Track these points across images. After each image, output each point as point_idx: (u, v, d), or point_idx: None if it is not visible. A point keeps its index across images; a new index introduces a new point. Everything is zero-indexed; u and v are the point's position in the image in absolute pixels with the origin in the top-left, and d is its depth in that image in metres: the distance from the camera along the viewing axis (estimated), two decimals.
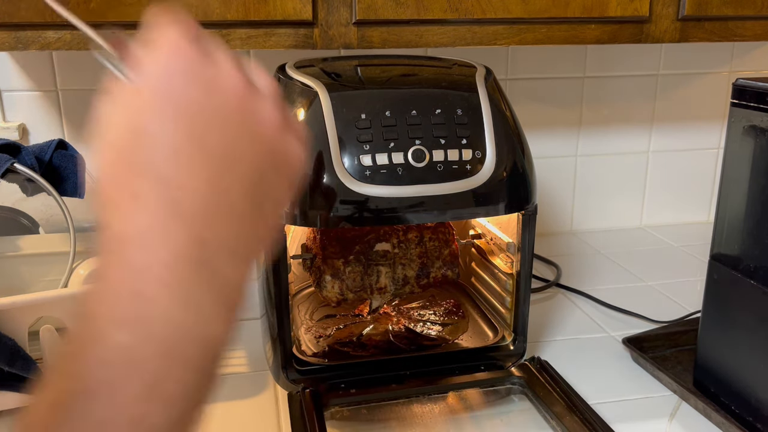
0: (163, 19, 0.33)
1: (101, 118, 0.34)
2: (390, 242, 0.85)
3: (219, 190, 0.31)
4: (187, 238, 0.30)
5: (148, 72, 0.32)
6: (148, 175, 0.30)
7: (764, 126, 0.64)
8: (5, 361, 0.66)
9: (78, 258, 0.76)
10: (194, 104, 0.32)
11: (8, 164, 0.73)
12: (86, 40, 0.43)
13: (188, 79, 0.32)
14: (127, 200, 0.30)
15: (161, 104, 0.31)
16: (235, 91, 0.33)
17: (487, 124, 0.69)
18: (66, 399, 0.27)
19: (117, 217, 0.31)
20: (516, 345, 0.79)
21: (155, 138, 0.31)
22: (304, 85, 0.70)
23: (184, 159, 0.31)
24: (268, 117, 0.34)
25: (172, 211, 0.30)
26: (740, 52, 1.26)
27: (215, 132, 0.32)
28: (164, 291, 0.29)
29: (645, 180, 1.30)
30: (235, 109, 0.33)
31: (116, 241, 0.30)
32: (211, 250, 0.30)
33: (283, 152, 0.34)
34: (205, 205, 0.30)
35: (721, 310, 0.72)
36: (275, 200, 0.34)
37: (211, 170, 0.31)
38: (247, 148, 0.33)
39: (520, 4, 0.84)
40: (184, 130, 0.31)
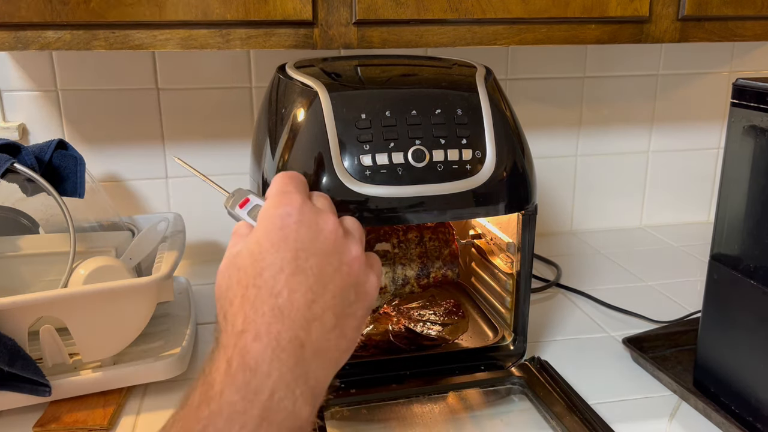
0: (282, 177, 0.46)
1: (231, 248, 0.44)
2: (390, 242, 0.85)
3: (313, 303, 0.40)
4: (289, 338, 0.39)
5: (270, 217, 0.44)
6: (261, 287, 0.40)
7: (764, 126, 0.64)
8: (5, 361, 0.66)
9: (78, 258, 0.76)
10: (301, 241, 0.42)
11: (8, 164, 0.73)
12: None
13: (298, 222, 0.43)
14: (243, 303, 0.40)
15: (278, 240, 0.42)
16: (332, 233, 0.44)
17: (487, 124, 0.69)
18: None
19: (234, 314, 0.40)
20: (516, 345, 0.79)
21: (269, 262, 0.41)
22: (304, 85, 0.70)
23: (287, 277, 0.41)
24: (355, 255, 0.45)
25: (276, 315, 0.39)
26: (740, 52, 1.26)
27: (314, 261, 0.42)
28: (273, 371, 0.37)
29: (645, 180, 1.30)
30: (331, 247, 0.43)
31: (234, 332, 0.39)
32: (308, 351, 0.39)
33: (363, 283, 0.44)
34: (302, 314, 0.40)
35: (721, 310, 0.72)
36: (355, 320, 0.43)
37: (307, 288, 0.41)
38: (336, 275, 0.43)
39: (520, 4, 0.84)
40: (291, 258, 0.41)
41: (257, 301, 0.40)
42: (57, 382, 0.71)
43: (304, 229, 0.43)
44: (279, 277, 0.41)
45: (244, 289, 0.41)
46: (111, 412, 0.71)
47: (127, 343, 0.75)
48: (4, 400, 0.70)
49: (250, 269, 0.41)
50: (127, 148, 1.08)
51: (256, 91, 1.09)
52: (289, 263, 0.41)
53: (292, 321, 0.40)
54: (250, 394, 0.37)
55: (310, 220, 0.44)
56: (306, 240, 0.43)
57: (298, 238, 0.42)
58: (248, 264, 0.42)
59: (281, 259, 0.41)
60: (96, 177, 1.00)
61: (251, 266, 0.41)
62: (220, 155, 1.11)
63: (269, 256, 0.42)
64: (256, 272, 0.41)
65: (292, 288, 0.40)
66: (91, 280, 0.73)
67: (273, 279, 0.41)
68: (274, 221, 0.43)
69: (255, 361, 0.38)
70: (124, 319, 0.73)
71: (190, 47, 0.79)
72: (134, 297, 0.73)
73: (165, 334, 0.83)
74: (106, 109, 1.05)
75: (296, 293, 0.40)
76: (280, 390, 0.37)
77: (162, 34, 0.77)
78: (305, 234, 0.43)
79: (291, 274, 0.41)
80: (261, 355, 0.38)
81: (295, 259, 0.41)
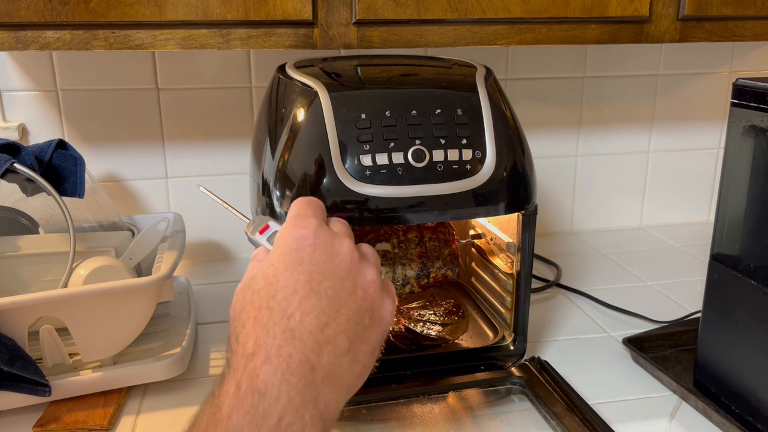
0: (299, 202, 0.47)
1: (248, 272, 0.44)
2: (390, 242, 0.85)
3: (325, 326, 0.40)
4: (299, 360, 0.38)
5: (286, 240, 0.44)
6: (274, 309, 0.40)
7: (764, 126, 0.64)
8: (5, 361, 0.66)
9: (78, 258, 0.76)
10: (315, 264, 0.42)
11: (8, 164, 0.73)
12: None
13: (313, 245, 0.43)
14: (255, 325, 0.40)
15: (293, 262, 0.42)
16: (347, 257, 0.44)
17: (487, 124, 0.69)
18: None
19: (245, 336, 0.39)
20: (516, 345, 0.79)
21: (282, 284, 0.41)
22: (304, 85, 0.70)
23: (300, 299, 0.40)
24: (370, 279, 0.44)
25: (288, 338, 0.39)
26: (740, 52, 1.26)
27: (328, 284, 0.42)
28: (282, 395, 0.37)
29: (645, 180, 1.30)
30: (345, 270, 0.43)
31: (244, 354, 0.39)
32: (318, 375, 0.39)
33: (378, 308, 0.44)
34: (314, 336, 0.39)
35: (721, 310, 0.72)
36: (369, 345, 0.43)
37: (320, 310, 0.40)
38: (350, 299, 0.42)
39: (520, 4, 0.84)
40: (305, 280, 0.41)
41: (269, 323, 0.40)
42: (57, 382, 0.71)
43: (318, 252, 0.43)
44: (292, 299, 0.40)
45: (257, 311, 0.41)
46: (111, 412, 0.71)
47: (127, 343, 0.75)
48: (4, 400, 0.70)
49: (264, 291, 0.41)
50: (127, 148, 1.08)
51: (256, 91, 1.09)
52: (303, 285, 0.41)
53: (303, 343, 0.39)
54: (258, 419, 0.36)
55: (326, 243, 0.44)
56: (320, 263, 0.43)
57: (312, 261, 0.43)
58: (262, 286, 0.42)
59: (295, 281, 0.41)
60: (96, 177, 1.00)
61: (265, 288, 0.41)
62: (220, 155, 1.11)
63: (283, 278, 0.42)
64: (270, 294, 0.41)
65: (304, 310, 0.40)
66: (91, 280, 0.73)
67: (286, 301, 0.40)
68: (289, 243, 0.43)
69: (264, 384, 0.37)
70: (124, 319, 0.73)
71: (190, 47, 0.79)
72: (134, 297, 0.73)
73: (165, 334, 0.83)
74: (106, 109, 1.05)
75: (309, 315, 0.40)
76: (288, 415, 0.36)
77: (162, 34, 0.77)
78: (320, 257, 0.43)
79: (304, 296, 0.41)
80: (270, 378, 0.37)
81: (309, 282, 0.41)
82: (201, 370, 0.81)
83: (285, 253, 0.43)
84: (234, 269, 1.12)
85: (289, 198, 0.66)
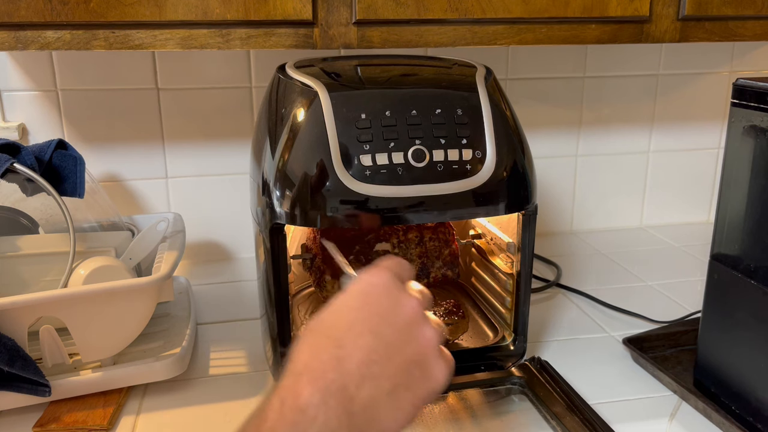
0: (389, 257, 0.50)
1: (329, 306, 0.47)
2: (390, 242, 0.85)
3: (372, 364, 0.42)
4: (338, 386, 0.41)
5: (360, 283, 0.47)
6: (330, 338, 0.43)
7: (764, 126, 0.64)
8: (5, 361, 0.66)
9: (78, 258, 0.76)
10: (379, 309, 0.45)
11: (8, 164, 0.73)
12: None
13: (382, 294, 0.46)
14: (309, 349, 0.43)
15: (359, 303, 0.46)
16: (411, 311, 0.46)
17: (487, 124, 0.69)
18: None
19: (297, 358, 0.43)
20: (516, 345, 0.79)
21: (344, 319, 0.45)
22: (304, 85, 0.70)
23: (355, 335, 0.43)
24: (428, 337, 0.45)
25: (333, 364, 0.41)
26: (740, 52, 1.26)
27: (387, 330, 0.44)
28: (319, 415, 0.39)
29: (645, 180, 1.30)
30: (406, 323, 0.45)
31: (293, 373, 0.42)
32: (356, 406, 0.41)
33: (432, 366, 0.45)
34: (358, 369, 0.42)
35: (721, 310, 0.72)
36: (414, 396, 0.44)
37: (371, 349, 0.43)
38: (405, 348, 0.44)
39: (520, 4, 0.84)
40: (364, 319, 0.44)
41: (321, 348, 0.43)
42: (57, 382, 0.71)
43: (384, 299, 0.46)
44: (348, 334, 0.44)
45: (315, 337, 0.44)
46: (111, 412, 0.71)
47: (127, 343, 0.75)
48: (4, 400, 0.70)
49: (327, 321, 0.45)
50: (127, 148, 1.08)
51: (256, 91, 1.09)
52: (361, 323, 0.44)
53: (347, 373, 0.42)
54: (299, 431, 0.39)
55: (394, 294, 0.47)
56: (384, 309, 0.45)
57: (377, 305, 0.46)
58: (327, 318, 0.46)
59: (355, 318, 0.45)
60: (96, 177, 1.00)
61: (328, 319, 0.45)
62: (220, 155, 1.11)
63: (347, 314, 0.45)
64: (330, 325, 0.45)
65: (356, 345, 0.43)
66: (91, 280, 0.73)
67: (342, 333, 0.44)
68: (362, 287, 0.47)
69: (305, 402, 0.40)
70: (124, 319, 0.73)
71: (190, 47, 0.79)
72: (134, 297, 0.73)
73: (165, 334, 0.83)
74: (106, 109, 1.05)
75: (359, 351, 0.43)
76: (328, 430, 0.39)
77: (162, 34, 0.77)
78: (385, 304, 0.46)
79: (360, 333, 0.43)
80: (311, 397, 0.40)
81: (368, 322, 0.44)
82: (201, 370, 0.81)
83: (354, 293, 0.47)
84: (234, 269, 1.12)
85: (289, 198, 0.66)
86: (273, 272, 0.70)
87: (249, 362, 0.83)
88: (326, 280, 0.84)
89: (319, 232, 0.85)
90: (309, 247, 0.87)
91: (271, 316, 0.73)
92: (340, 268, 0.65)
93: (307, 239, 0.88)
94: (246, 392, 0.76)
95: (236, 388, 0.77)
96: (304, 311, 0.90)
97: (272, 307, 0.72)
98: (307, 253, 0.86)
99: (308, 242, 0.88)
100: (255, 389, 0.77)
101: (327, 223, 0.66)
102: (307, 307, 0.91)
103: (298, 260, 0.87)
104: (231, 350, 0.86)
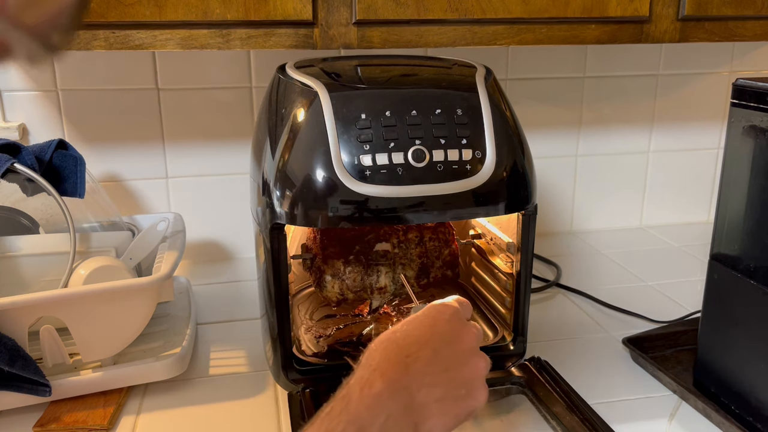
0: (456, 297, 0.61)
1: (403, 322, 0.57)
2: (390, 242, 0.85)
3: (429, 375, 0.52)
4: (405, 387, 0.50)
5: (430, 309, 0.58)
6: (401, 348, 0.53)
7: (764, 126, 0.64)
8: (5, 361, 0.66)
9: (78, 258, 0.76)
10: (443, 333, 0.55)
11: (8, 164, 0.73)
12: None
13: (448, 322, 0.56)
14: (381, 353, 0.53)
15: (427, 324, 0.56)
16: (470, 340, 0.56)
17: (487, 124, 0.69)
18: None
19: (374, 357, 0.52)
20: (516, 345, 0.79)
21: (414, 336, 0.54)
22: (304, 85, 0.70)
23: (419, 348, 0.53)
24: (480, 366, 0.55)
25: (402, 368, 0.51)
26: (740, 52, 1.26)
27: (445, 351, 0.54)
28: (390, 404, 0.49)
29: (645, 180, 1.30)
30: (464, 350, 0.55)
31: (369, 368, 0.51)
32: (415, 404, 0.50)
33: (476, 389, 0.54)
34: (419, 376, 0.51)
35: (721, 310, 0.72)
36: (456, 407, 0.52)
37: (429, 363, 0.52)
38: (458, 368, 0.54)
39: (520, 4, 0.84)
40: (429, 339, 0.54)
41: (392, 353, 0.53)
42: (57, 382, 0.71)
43: (448, 327, 0.56)
44: (414, 346, 0.53)
45: (388, 344, 0.54)
46: (111, 411, 0.71)
47: (127, 343, 0.75)
48: (4, 400, 0.70)
49: (399, 333, 0.55)
50: (127, 148, 1.08)
51: (256, 91, 1.09)
52: (427, 342, 0.54)
53: (410, 376, 0.51)
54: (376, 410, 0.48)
55: (457, 324, 0.57)
56: (447, 334, 0.55)
57: (442, 329, 0.56)
58: (400, 330, 0.55)
59: (422, 335, 0.55)
60: (96, 177, 1.00)
61: (400, 334, 0.55)
62: (220, 155, 1.11)
63: (415, 331, 0.55)
64: (402, 337, 0.54)
65: (418, 357, 0.52)
66: (91, 280, 0.73)
67: (410, 344, 0.53)
68: (431, 312, 0.57)
69: (378, 392, 0.49)
70: (124, 319, 0.73)
71: (190, 47, 0.79)
72: (134, 297, 0.73)
73: (165, 334, 0.83)
74: (106, 109, 1.05)
75: (419, 362, 0.52)
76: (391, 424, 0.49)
77: (162, 34, 0.77)
78: (448, 330, 0.56)
79: (423, 347, 0.53)
80: (383, 389, 0.49)
81: (432, 341, 0.54)
82: (201, 370, 0.81)
83: (425, 316, 0.57)
84: (234, 269, 1.12)
85: (289, 198, 0.66)
86: (273, 272, 0.70)
87: (249, 362, 0.83)
88: (326, 280, 0.84)
89: (320, 233, 0.85)
90: (309, 247, 0.87)
91: (271, 316, 0.73)
92: (411, 299, 0.76)
93: (307, 239, 0.88)
94: (246, 392, 0.76)
95: (236, 388, 0.77)
96: (304, 311, 0.90)
97: (272, 307, 0.72)
98: (307, 253, 0.86)
99: (308, 242, 0.88)
100: (255, 389, 0.77)
101: (327, 223, 0.66)
102: (307, 307, 0.91)
103: (298, 260, 0.87)
104: (231, 350, 0.86)
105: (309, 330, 0.85)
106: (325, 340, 0.82)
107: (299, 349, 0.79)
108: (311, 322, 0.88)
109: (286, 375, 0.74)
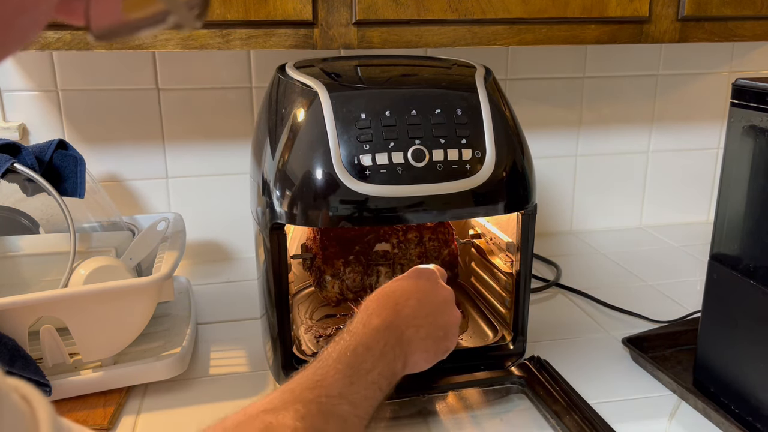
0: (431, 265, 0.75)
1: (392, 281, 0.70)
2: (390, 242, 0.85)
3: (416, 318, 0.64)
4: (396, 325, 0.62)
5: (415, 269, 0.72)
6: (390, 298, 0.65)
7: (764, 126, 0.64)
8: (5, 361, 0.66)
9: (78, 258, 0.76)
10: (426, 288, 0.68)
11: (8, 164, 0.73)
12: None
13: (429, 280, 0.69)
14: (376, 302, 0.64)
15: (413, 281, 0.68)
16: (449, 296, 0.69)
17: (487, 124, 0.69)
18: None
19: (371, 305, 0.64)
20: (516, 344, 0.79)
21: (403, 288, 0.67)
22: (304, 85, 0.70)
23: (406, 299, 0.65)
24: (456, 316, 0.69)
25: (393, 312, 0.63)
26: (740, 52, 1.26)
27: (429, 300, 0.67)
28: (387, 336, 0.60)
29: (645, 180, 1.30)
30: (444, 302, 0.68)
31: (367, 312, 0.63)
32: (404, 339, 0.62)
33: (453, 334, 0.68)
34: (407, 318, 0.63)
35: (721, 310, 0.72)
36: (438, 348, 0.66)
37: (417, 309, 0.65)
38: (439, 316, 0.66)
39: (520, 4, 0.84)
40: (415, 292, 0.66)
41: (384, 301, 0.64)
42: (57, 382, 0.71)
43: (431, 284, 0.69)
44: (402, 297, 0.65)
45: (381, 295, 0.65)
46: (111, 411, 0.71)
47: (128, 343, 0.75)
48: None
49: (388, 288, 0.67)
50: (127, 148, 1.08)
51: (256, 91, 1.09)
52: (414, 294, 0.66)
53: (400, 318, 0.63)
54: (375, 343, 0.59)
55: (438, 283, 0.69)
56: (430, 289, 0.68)
57: (425, 285, 0.68)
58: (389, 286, 0.67)
59: (410, 288, 0.67)
60: (96, 177, 1.00)
61: (390, 287, 0.67)
62: (220, 155, 1.11)
63: (405, 286, 0.67)
64: (392, 290, 0.66)
65: (407, 304, 0.64)
66: (91, 280, 0.73)
67: (399, 297, 0.65)
68: (415, 273, 0.71)
69: (376, 327, 0.60)
70: (124, 319, 0.73)
71: (190, 47, 0.79)
72: (134, 297, 0.73)
73: (165, 334, 0.83)
74: (106, 109, 1.05)
75: (408, 308, 0.64)
76: (388, 346, 0.60)
77: (162, 34, 0.78)
78: (431, 286, 0.68)
79: (410, 297, 0.65)
80: (380, 324, 0.61)
81: (417, 294, 0.66)
82: (201, 370, 0.81)
83: (410, 275, 0.70)
84: (234, 269, 1.12)
85: (289, 198, 0.66)
86: (273, 272, 0.70)
87: (249, 362, 0.83)
88: (326, 280, 0.84)
89: (320, 232, 0.85)
90: (309, 247, 0.87)
91: (271, 316, 0.73)
92: None
93: (307, 239, 0.88)
94: (246, 392, 0.76)
95: (236, 388, 0.77)
96: (304, 311, 0.90)
97: (272, 307, 0.72)
98: (307, 253, 0.86)
99: (308, 242, 0.88)
100: (255, 389, 0.77)
101: (327, 222, 0.66)
102: (307, 307, 0.91)
103: (298, 260, 0.87)
104: (231, 350, 0.86)
105: (309, 330, 0.85)
106: (325, 340, 0.82)
107: (299, 348, 0.79)
108: (311, 321, 0.88)
109: (286, 375, 0.74)
